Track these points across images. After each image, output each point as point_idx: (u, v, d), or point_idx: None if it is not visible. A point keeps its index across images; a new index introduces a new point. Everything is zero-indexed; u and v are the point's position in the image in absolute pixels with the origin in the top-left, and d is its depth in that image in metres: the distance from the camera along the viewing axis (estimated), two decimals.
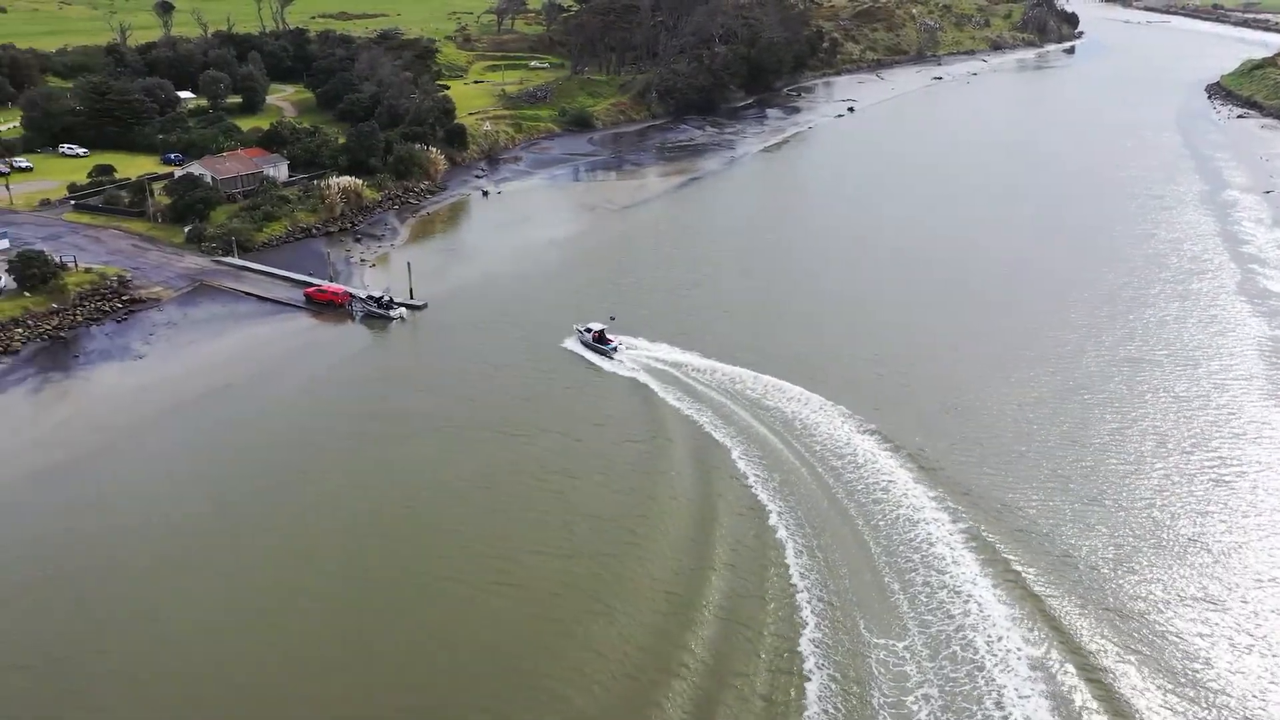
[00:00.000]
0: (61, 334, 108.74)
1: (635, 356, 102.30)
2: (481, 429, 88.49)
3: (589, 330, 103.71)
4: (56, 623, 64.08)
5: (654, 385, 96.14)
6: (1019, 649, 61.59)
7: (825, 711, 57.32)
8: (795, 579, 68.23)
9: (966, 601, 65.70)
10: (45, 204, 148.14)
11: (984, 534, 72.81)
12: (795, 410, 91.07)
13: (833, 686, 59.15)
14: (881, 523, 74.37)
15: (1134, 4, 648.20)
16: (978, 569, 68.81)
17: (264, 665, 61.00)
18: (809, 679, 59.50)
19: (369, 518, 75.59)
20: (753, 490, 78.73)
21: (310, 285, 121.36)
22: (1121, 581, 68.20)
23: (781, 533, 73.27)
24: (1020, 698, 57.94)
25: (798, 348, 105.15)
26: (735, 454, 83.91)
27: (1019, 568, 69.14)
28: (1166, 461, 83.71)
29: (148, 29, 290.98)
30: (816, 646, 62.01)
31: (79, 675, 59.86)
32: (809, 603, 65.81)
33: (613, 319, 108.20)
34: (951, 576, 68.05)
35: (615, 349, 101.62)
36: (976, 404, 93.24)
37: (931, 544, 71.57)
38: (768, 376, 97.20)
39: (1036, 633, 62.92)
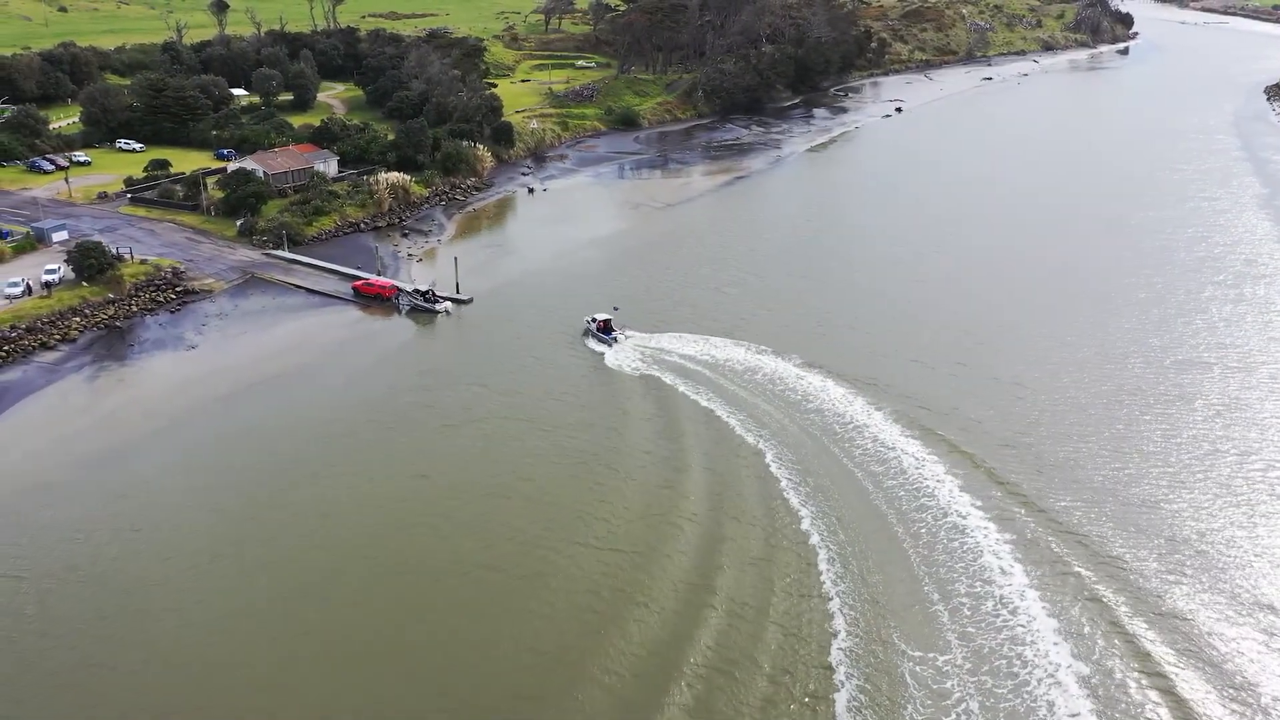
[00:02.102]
0: (117, 323, 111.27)
1: (669, 354, 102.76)
2: (521, 421, 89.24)
3: (594, 320, 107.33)
4: (99, 606, 65.51)
5: (682, 385, 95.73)
6: (1068, 664, 60.22)
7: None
8: (828, 585, 67.33)
9: (1014, 613, 64.53)
10: (103, 197, 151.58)
11: (1030, 540, 72.15)
12: (834, 411, 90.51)
13: (862, 698, 58.92)
14: (923, 530, 73.80)
15: (1191, 5, 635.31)
16: (1025, 580, 67.58)
17: (298, 652, 61.96)
18: (839, 688, 58.77)
19: (409, 507, 76.49)
20: (786, 494, 78.02)
21: (358, 279, 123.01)
22: (1175, 591, 66.94)
23: (815, 538, 72.43)
24: (1070, 715, 56.67)
25: (841, 347, 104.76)
26: (769, 457, 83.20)
27: (1067, 575, 68.28)
28: (1218, 467, 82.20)
29: (203, 28, 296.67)
30: (847, 655, 61.15)
31: (121, 658, 61.28)
32: (842, 610, 64.94)
33: (616, 309, 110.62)
34: (999, 587, 67.03)
35: (615, 339, 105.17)
36: (1022, 406, 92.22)
37: (979, 554, 70.59)
38: (809, 377, 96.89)
39: (1087, 646, 61.66)
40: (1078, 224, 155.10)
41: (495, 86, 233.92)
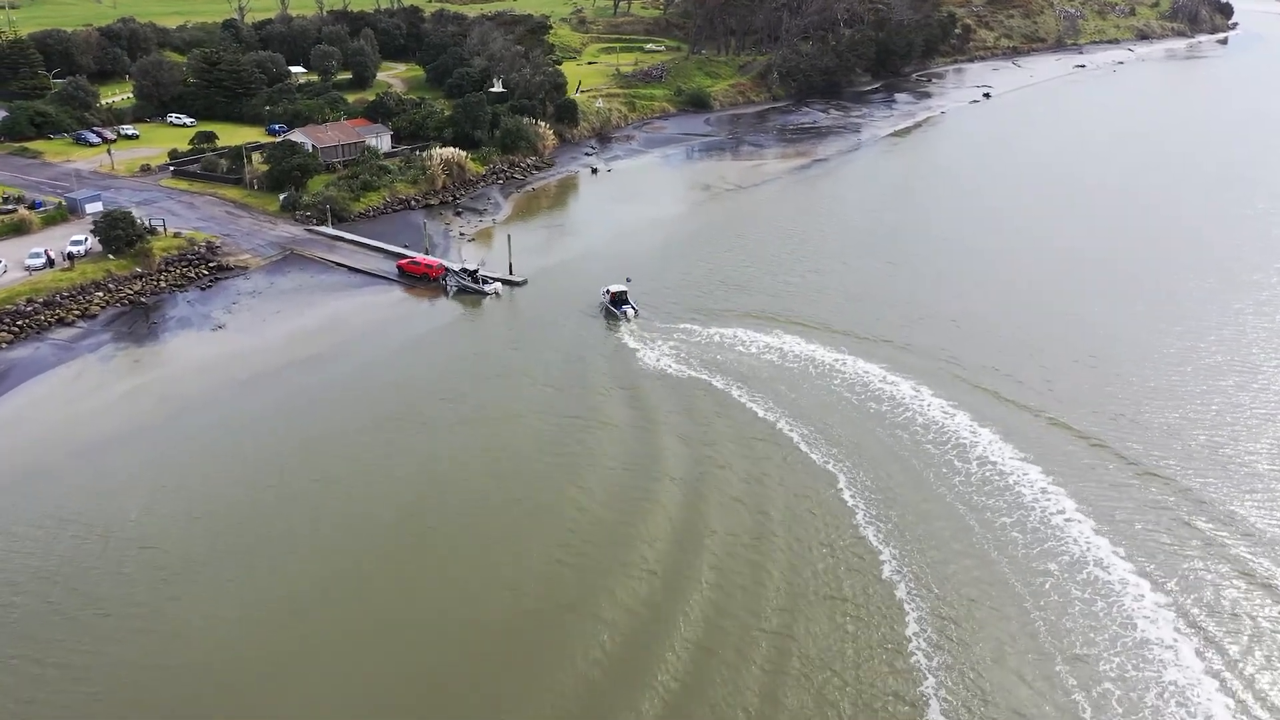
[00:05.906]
0: (143, 299, 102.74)
1: (733, 349, 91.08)
2: (564, 417, 78.44)
3: (608, 292, 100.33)
4: (101, 599, 56.28)
5: (740, 389, 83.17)
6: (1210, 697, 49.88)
7: None
8: (920, 657, 53.37)
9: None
10: (145, 170, 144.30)
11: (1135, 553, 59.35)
12: (908, 404, 79.41)
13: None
14: (1049, 584, 61.14)
15: None
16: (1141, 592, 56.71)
17: (323, 640, 51.81)
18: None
19: (438, 500, 66.67)
20: (862, 528, 64.84)
21: (404, 257, 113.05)
22: None
23: (901, 591, 58.68)
24: None
25: (923, 339, 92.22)
26: (842, 482, 69.68)
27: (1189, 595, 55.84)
28: None
29: (267, 11, 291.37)
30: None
31: (124, 646, 51.67)
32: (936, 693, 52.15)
33: (629, 280, 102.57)
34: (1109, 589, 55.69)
35: (627, 312, 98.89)
36: (1122, 385, 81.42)
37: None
38: (874, 369, 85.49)
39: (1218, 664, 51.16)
40: (1177, 206, 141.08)
41: (560, 64, 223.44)
